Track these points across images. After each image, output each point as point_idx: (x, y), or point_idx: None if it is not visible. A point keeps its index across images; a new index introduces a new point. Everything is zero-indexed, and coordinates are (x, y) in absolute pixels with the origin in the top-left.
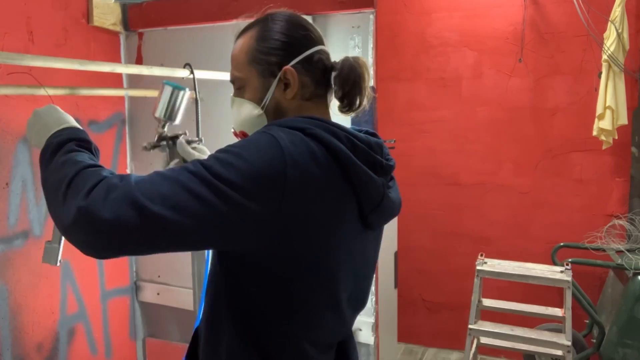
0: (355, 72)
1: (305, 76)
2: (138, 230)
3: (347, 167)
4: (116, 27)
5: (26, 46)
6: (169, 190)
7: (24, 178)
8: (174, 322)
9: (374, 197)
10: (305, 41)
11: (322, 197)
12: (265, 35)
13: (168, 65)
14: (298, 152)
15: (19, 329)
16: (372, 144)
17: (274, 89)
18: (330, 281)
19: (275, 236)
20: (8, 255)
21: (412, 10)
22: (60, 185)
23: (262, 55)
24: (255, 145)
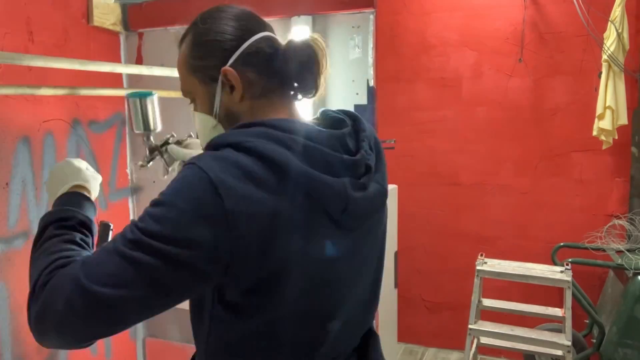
0: (303, 52)
1: (249, 72)
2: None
3: (295, 176)
4: (116, 27)
5: (26, 46)
6: (114, 267)
7: (24, 178)
8: (174, 322)
9: (335, 204)
10: (240, 34)
11: (277, 219)
12: (197, 40)
13: (168, 65)
14: (232, 178)
15: (19, 329)
16: (328, 139)
17: (219, 95)
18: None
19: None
20: (8, 255)
21: (412, 10)
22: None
23: (198, 62)
24: (185, 187)
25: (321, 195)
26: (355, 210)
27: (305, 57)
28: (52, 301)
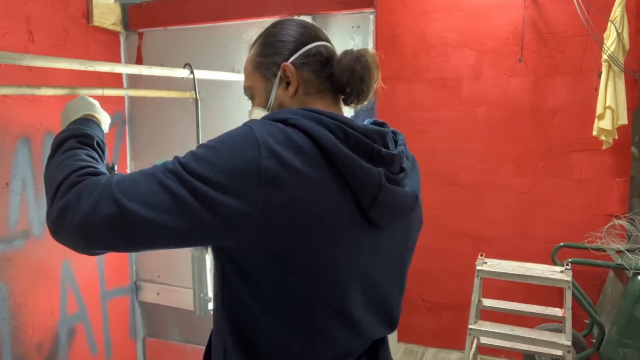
0: (359, 61)
1: (305, 71)
2: (114, 227)
3: (333, 156)
4: (116, 27)
5: (26, 46)
6: (147, 188)
7: (24, 178)
8: (174, 322)
9: (369, 188)
10: (303, 38)
11: (308, 189)
12: (266, 41)
13: (168, 65)
14: (275, 142)
15: (19, 329)
16: (369, 131)
17: (276, 88)
18: (330, 283)
19: (259, 232)
20: (8, 255)
21: (412, 10)
22: (51, 187)
23: (263, 59)
24: (230, 139)
25: (355, 178)
26: (385, 201)
27: (359, 67)
28: (81, 200)
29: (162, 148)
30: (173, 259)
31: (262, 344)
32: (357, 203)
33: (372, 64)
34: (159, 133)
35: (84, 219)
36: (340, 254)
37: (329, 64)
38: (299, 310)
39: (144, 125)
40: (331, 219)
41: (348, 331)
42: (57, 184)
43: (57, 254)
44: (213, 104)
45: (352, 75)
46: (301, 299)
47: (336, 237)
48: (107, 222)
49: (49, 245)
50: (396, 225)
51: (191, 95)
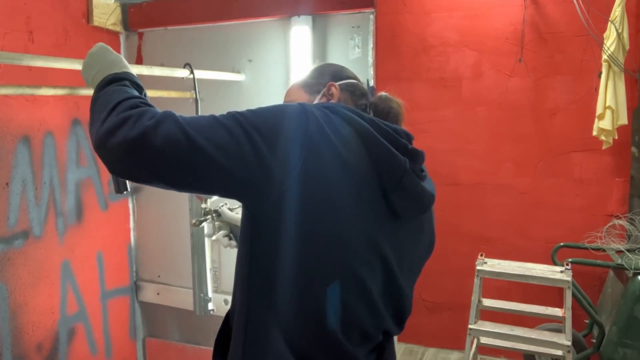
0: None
1: (346, 94)
2: (171, 149)
3: (366, 139)
4: (116, 27)
5: (26, 46)
6: (208, 124)
7: (24, 178)
8: (174, 322)
9: (393, 171)
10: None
11: (341, 163)
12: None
13: (168, 65)
14: (320, 117)
15: (19, 329)
16: (399, 129)
17: (318, 99)
18: (350, 255)
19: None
20: (8, 255)
21: (412, 10)
22: (108, 104)
23: (311, 80)
24: (284, 107)
25: (383, 159)
26: (408, 189)
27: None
28: (142, 117)
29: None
30: (173, 259)
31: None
32: (382, 187)
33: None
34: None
35: (143, 133)
36: (365, 230)
37: (366, 97)
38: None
39: None
40: (359, 195)
41: (365, 309)
42: (117, 101)
43: (57, 254)
44: (213, 104)
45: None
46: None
47: (362, 213)
48: (168, 142)
49: (49, 245)
50: (412, 224)
51: (191, 95)
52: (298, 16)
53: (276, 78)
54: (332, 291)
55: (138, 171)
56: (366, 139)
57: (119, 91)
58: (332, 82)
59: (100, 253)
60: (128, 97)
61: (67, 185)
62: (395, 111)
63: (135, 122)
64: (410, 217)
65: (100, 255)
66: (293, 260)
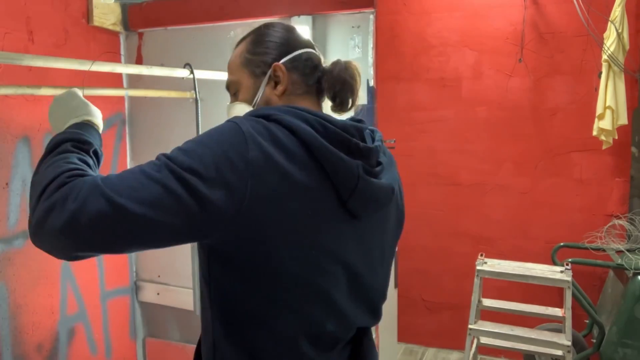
0: (347, 72)
1: (294, 74)
2: (104, 224)
3: (314, 149)
4: (116, 27)
5: (26, 46)
6: (136, 182)
7: (24, 178)
8: (174, 322)
9: (348, 180)
10: (295, 43)
11: (289, 181)
12: (256, 39)
13: (168, 65)
14: (259, 136)
15: (19, 329)
16: (348, 126)
17: (264, 86)
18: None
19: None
20: (8, 255)
21: (412, 10)
22: (38, 188)
23: (253, 57)
24: (217, 133)
25: (335, 170)
26: (364, 193)
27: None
28: (67, 200)
29: (162, 148)
30: (173, 259)
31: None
32: (337, 194)
33: (358, 75)
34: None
35: (71, 218)
36: (323, 243)
37: (317, 70)
38: (285, 298)
39: (144, 125)
40: (313, 209)
41: (333, 319)
42: (44, 185)
43: None
44: (213, 104)
45: (343, 86)
46: (286, 287)
47: (318, 226)
48: (97, 219)
49: None
50: (374, 217)
51: (191, 95)
52: (298, 16)
53: None
54: (299, 310)
55: (83, 252)
56: (314, 149)
57: (51, 167)
58: (277, 63)
59: None
60: (56, 176)
61: None
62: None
63: (61, 208)
64: (371, 215)
65: (100, 255)
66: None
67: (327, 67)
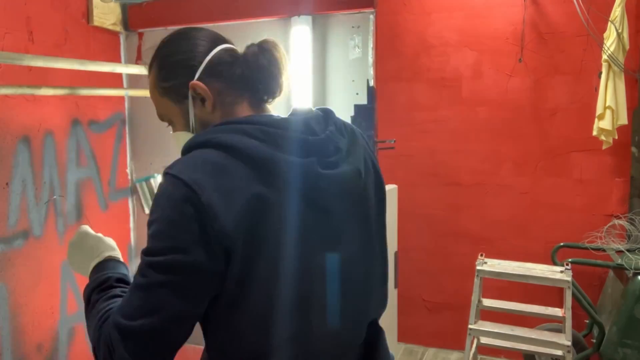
0: (261, 55)
1: (215, 83)
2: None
3: (261, 161)
4: (116, 27)
5: (26, 46)
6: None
7: (24, 178)
8: None
9: (305, 182)
10: (201, 50)
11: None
12: (161, 64)
13: None
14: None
15: (19, 329)
16: (292, 123)
17: (192, 109)
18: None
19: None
20: (8, 255)
21: (412, 10)
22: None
23: (166, 84)
24: (163, 196)
25: (290, 175)
26: (328, 188)
27: (265, 61)
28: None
29: (162, 148)
30: None
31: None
32: (302, 198)
33: (275, 52)
34: (159, 133)
35: None
36: (303, 257)
37: (236, 64)
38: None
39: (144, 125)
40: (282, 222)
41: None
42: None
43: (57, 254)
44: None
45: (259, 74)
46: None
47: (292, 241)
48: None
49: (49, 245)
50: (349, 207)
51: None
52: (298, 16)
53: None
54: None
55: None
56: (261, 161)
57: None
58: (193, 82)
59: None
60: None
61: (67, 185)
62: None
63: None
64: (344, 206)
65: None
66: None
67: (241, 56)
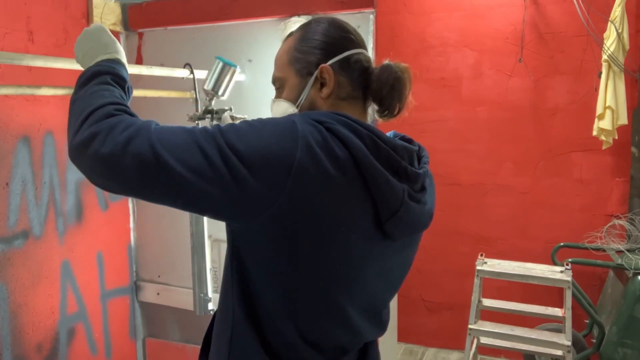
0: (395, 75)
1: (342, 76)
2: (141, 168)
3: (363, 166)
4: (116, 27)
5: (26, 46)
6: (184, 143)
7: (24, 178)
8: (174, 322)
9: (391, 203)
10: (345, 42)
11: (332, 192)
12: (305, 36)
13: (168, 65)
14: (313, 140)
15: (19, 329)
16: (398, 147)
17: (310, 87)
18: (334, 285)
19: (275, 220)
20: (8, 255)
21: (412, 10)
22: (82, 109)
23: (300, 55)
24: (273, 124)
25: (380, 190)
26: (404, 218)
27: (398, 85)
28: (114, 131)
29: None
30: (173, 259)
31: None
32: (375, 214)
33: (408, 80)
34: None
35: (113, 150)
36: (349, 261)
37: (367, 73)
38: (298, 304)
39: None
40: (347, 226)
41: (343, 332)
42: (91, 109)
43: (57, 254)
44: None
45: (390, 91)
46: (302, 294)
47: (349, 244)
48: (136, 161)
49: (49, 245)
50: (406, 239)
51: (191, 95)
52: (298, 16)
53: None
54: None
55: (114, 186)
56: (363, 165)
57: (96, 94)
58: (324, 65)
59: (100, 253)
60: (103, 104)
61: (67, 185)
62: (397, 89)
63: (106, 137)
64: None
65: (100, 255)
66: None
67: (376, 70)
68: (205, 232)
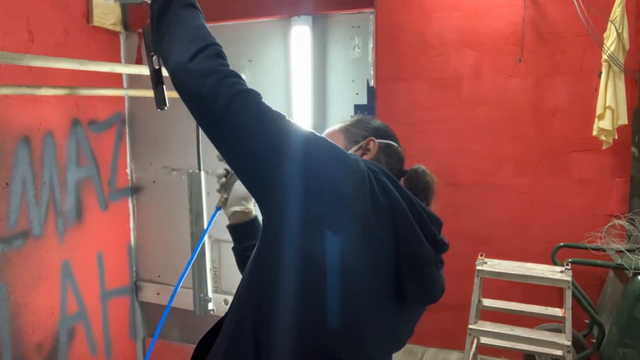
0: (428, 176)
1: (382, 155)
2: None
3: (399, 219)
4: (116, 27)
5: (26, 46)
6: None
7: (24, 178)
8: (174, 322)
9: (417, 260)
10: (392, 136)
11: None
12: (360, 120)
13: None
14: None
15: (19, 329)
16: (432, 216)
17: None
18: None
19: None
20: (8, 255)
21: (412, 10)
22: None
23: (353, 129)
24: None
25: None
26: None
27: (429, 179)
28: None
29: (162, 148)
30: (173, 259)
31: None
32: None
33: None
34: (159, 133)
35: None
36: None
37: (400, 165)
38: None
39: (144, 125)
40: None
41: None
42: (207, 42)
43: (57, 254)
44: None
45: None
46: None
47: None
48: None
49: (49, 245)
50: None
51: None
52: (298, 16)
53: (276, 78)
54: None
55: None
56: (399, 217)
57: (204, 28)
58: (372, 138)
59: (100, 253)
60: (215, 42)
61: (67, 185)
62: (429, 187)
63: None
64: (415, 305)
65: (100, 255)
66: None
67: (411, 169)
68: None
